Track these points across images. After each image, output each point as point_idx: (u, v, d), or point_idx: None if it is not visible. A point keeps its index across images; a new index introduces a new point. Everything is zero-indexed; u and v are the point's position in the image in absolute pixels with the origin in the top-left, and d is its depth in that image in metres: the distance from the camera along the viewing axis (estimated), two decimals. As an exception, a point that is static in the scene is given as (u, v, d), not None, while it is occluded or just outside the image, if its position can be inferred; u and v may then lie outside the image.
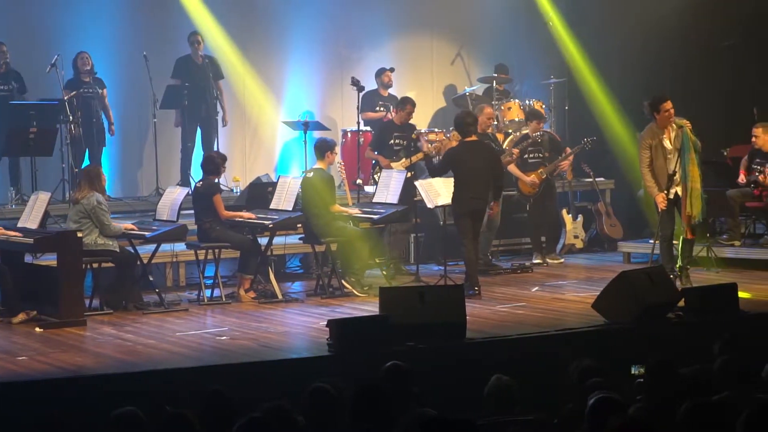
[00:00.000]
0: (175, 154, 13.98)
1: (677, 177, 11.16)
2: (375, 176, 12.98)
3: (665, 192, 11.16)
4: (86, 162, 12.93)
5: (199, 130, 13.91)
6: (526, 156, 13.45)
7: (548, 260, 13.47)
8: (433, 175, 11.90)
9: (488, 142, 12.47)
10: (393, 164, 12.80)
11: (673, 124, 11.24)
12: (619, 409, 5.37)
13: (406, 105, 13.11)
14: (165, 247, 11.59)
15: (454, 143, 13.79)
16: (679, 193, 11.20)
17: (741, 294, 10.16)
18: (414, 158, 12.82)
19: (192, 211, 11.61)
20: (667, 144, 11.24)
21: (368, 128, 14.10)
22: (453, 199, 11.45)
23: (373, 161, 13.31)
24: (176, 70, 13.79)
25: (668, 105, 11.27)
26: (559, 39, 15.65)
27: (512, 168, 13.33)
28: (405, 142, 12.99)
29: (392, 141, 13.02)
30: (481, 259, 11.56)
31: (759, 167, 12.66)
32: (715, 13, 14.83)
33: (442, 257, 12.14)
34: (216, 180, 11.60)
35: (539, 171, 13.43)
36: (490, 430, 6.03)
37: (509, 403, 6.49)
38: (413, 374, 6.74)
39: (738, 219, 13.09)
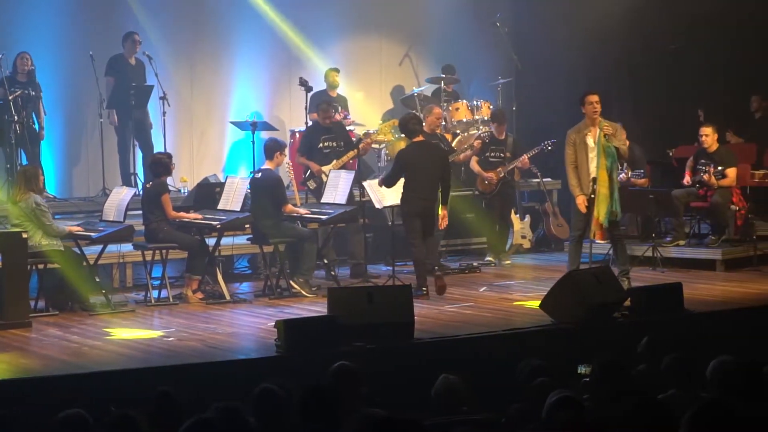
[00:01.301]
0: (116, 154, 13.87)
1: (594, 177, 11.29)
2: (308, 183, 12.83)
3: (587, 194, 11.27)
4: (24, 162, 12.77)
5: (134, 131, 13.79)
6: (488, 154, 13.51)
7: (501, 260, 13.51)
8: (389, 185, 11.66)
9: (437, 142, 12.50)
10: (324, 168, 12.70)
11: (599, 126, 11.32)
12: (578, 408, 5.40)
13: (321, 105, 13.01)
14: (112, 247, 11.50)
15: (402, 144, 13.83)
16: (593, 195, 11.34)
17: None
18: (345, 158, 12.76)
19: (139, 212, 11.53)
20: (590, 142, 11.33)
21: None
22: (402, 199, 11.46)
23: (305, 167, 13.06)
24: (109, 68, 13.69)
25: (593, 98, 11.34)
26: (506, 40, 15.73)
27: (473, 165, 13.40)
28: (334, 144, 12.91)
29: (321, 144, 12.86)
30: (428, 258, 11.57)
31: (704, 168, 12.79)
32: (661, 15, 14.97)
33: (390, 257, 12.16)
34: (165, 180, 11.55)
35: (498, 170, 13.48)
36: (437, 429, 6.04)
37: (457, 402, 6.51)
38: (361, 374, 6.74)
39: (683, 219, 13.23)
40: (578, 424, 4.69)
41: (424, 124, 12.11)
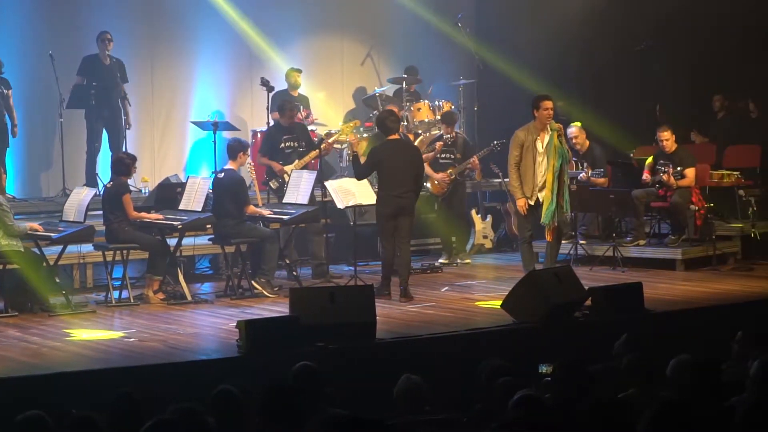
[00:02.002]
0: (82, 154, 13.79)
1: (543, 182, 11.35)
2: (270, 182, 12.81)
3: (528, 196, 11.35)
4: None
5: (105, 131, 13.73)
6: (439, 156, 13.54)
7: (458, 260, 13.56)
8: (359, 177, 11.67)
9: (410, 141, 12.50)
10: (286, 167, 12.69)
11: (549, 128, 11.39)
12: (539, 407, 5.43)
13: (286, 106, 12.99)
14: (72, 248, 11.43)
15: (364, 143, 13.84)
16: (540, 198, 11.40)
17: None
18: (306, 158, 12.75)
19: (100, 212, 11.47)
20: (539, 146, 11.41)
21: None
22: (377, 199, 11.43)
23: (267, 167, 13.04)
24: (82, 68, 13.61)
25: (548, 104, 11.45)
26: (468, 40, 15.79)
27: (425, 166, 13.41)
28: (296, 144, 12.89)
29: (282, 144, 12.83)
30: (400, 271, 11.52)
31: (663, 168, 12.88)
32: (624, 15, 15.05)
33: (352, 257, 12.15)
34: (126, 181, 11.50)
35: (449, 171, 13.51)
36: (400, 429, 6.05)
37: (419, 402, 6.52)
38: (323, 375, 6.74)
39: (643, 219, 13.30)
40: (540, 423, 4.71)
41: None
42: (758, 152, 14.17)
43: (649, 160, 13.20)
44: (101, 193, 11.95)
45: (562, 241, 11.98)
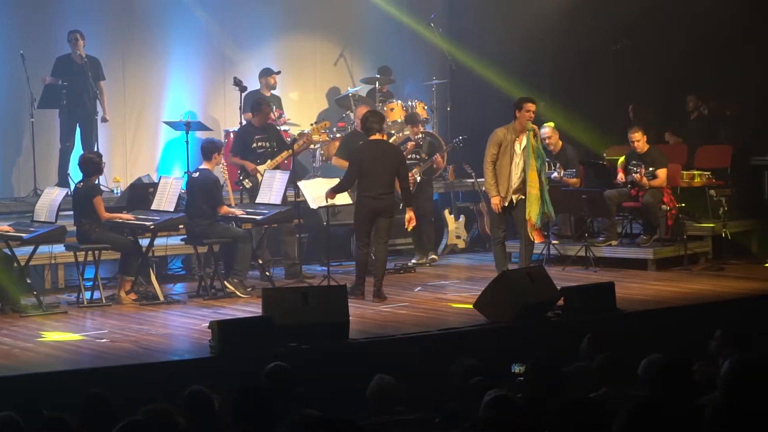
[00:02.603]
0: (54, 154, 13.72)
1: (518, 184, 11.38)
2: (243, 182, 12.78)
3: (503, 196, 11.40)
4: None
5: (78, 130, 13.66)
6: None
7: (429, 260, 13.57)
8: (346, 187, 11.51)
9: (392, 142, 12.49)
10: (259, 167, 12.67)
11: (526, 130, 11.43)
12: (512, 407, 5.44)
13: (262, 106, 12.99)
14: (43, 248, 11.37)
15: (336, 143, 13.84)
16: (514, 200, 11.43)
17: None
18: (278, 158, 12.73)
19: (71, 212, 11.42)
20: (518, 148, 11.45)
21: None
22: (357, 200, 11.39)
23: (239, 167, 13.01)
24: (55, 68, 13.55)
25: (531, 106, 11.48)
26: (441, 41, 15.81)
27: None
28: (267, 144, 12.87)
29: (254, 144, 12.77)
30: (375, 271, 11.51)
31: (635, 168, 12.94)
32: (597, 15, 15.09)
33: (325, 258, 12.14)
34: (97, 180, 11.45)
35: (414, 171, 13.52)
36: (373, 429, 6.06)
37: (392, 402, 6.53)
38: (296, 375, 6.74)
39: (615, 219, 13.36)
40: (512, 423, 4.73)
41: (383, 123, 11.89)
42: (729, 152, 14.25)
43: (622, 160, 13.26)
44: (72, 193, 11.89)
45: (536, 241, 12.00)
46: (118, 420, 5.29)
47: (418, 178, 13.39)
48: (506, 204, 11.51)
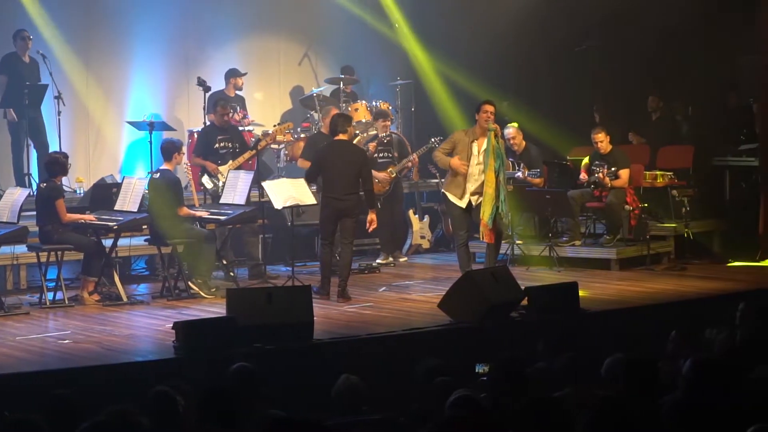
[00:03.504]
0: (8, 153, 13.60)
1: (477, 186, 11.44)
2: (204, 183, 12.75)
3: (460, 198, 11.49)
4: None
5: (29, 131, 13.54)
6: (376, 155, 13.58)
7: (396, 260, 13.59)
8: (309, 181, 11.69)
9: (357, 144, 12.51)
10: (221, 168, 12.65)
11: (487, 130, 11.47)
12: (476, 407, 5.46)
13: (216, 107, 12.96)
14: (5, 249, 11.31)
15: (302, 144, 13.83)
16: (473, 202, 11.48)
17: (581, 292, 10.43)
18: (241, 159, 12.71)
19: (33, 213, 11.34)
20: (475, 150, 11.49)
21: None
22: (321, 200, 11.41)
23: (201, 167, 12.94)
24: (2, 66, 13.45)
25: (489, 108, 11.52)
26: (405, 41, 15.83)
27: None
28: (230, 144, 12.84)
29: (217, 144, 12.77)
30: (340, 273, 11.53)
31: (598, 169, 13.01)
32: (561, 16, 15.15)
33: (289, 258, 12.14)
34: (60, 180, 11.39)
35: (389, 170, 13.55)
36: (338, 430, 6.05)
37: (357, 403, 6.53)
38: (261, 375, 6.73)
39: (578, 219, 13.42)
40: (476, 423, 4.74)
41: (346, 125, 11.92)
42: (691, 153, 14.35)
43: (585, 160, 13.33)
44: (35, 193, 11.83)
45: (485, 241, 12.01)
46: (82, 421, 5.27)
47: (394, 175, 13.47)
48: (464, 205, 11.54)
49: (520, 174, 13.16)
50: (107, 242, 11.51)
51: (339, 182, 11.20)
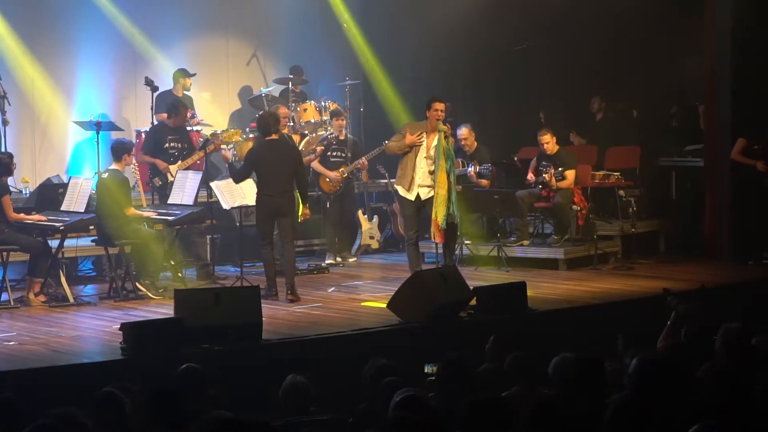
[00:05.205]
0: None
1: (424, 179, 11.49)
2: (153, 180, 12.69)
3: (407, 189, 11.55)
4: None
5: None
6: (329, 154, 13.57)
7: (345, 260, 13.60)
8: (237, 181, 11.71)
9: (291, 142, 12.50)
10: (171, 167, 12.59)
11: (438, 129, 11.53)
12: (422, 407, 5.46)
13: (180, 109, 12.93)
14: (-51, 250, 11.19)
15: (250, 144, 13.79)
16: (422, 195, 11.54)
17: (529, 292, 10.48)
18: (190, 159, 12.67)
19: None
20: (423, 149, 11.55)
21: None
22: (256, 199, 11.41)
23: (150, 166, 12.91)
24: None
25: (439, 105, 11.57)
26: (354, 41, 15.83)
27: (316, 165, 13.43)
28: (179, 145, 12.80)
29: (167, 144, 12.72)
30: (278, 260, 11.58)
31: (545, 169, 13.08)
32: (506, 17, 15.21)
33: (238, 258, 12.09)
34: (6, 181, 11.28)
35: (341, 170, 13.54)
36: (285, 430, 6.05)
37: (304, 403, 6.52)
38: (208, 376, 6.70)
39: (526, 219, 13.49)
40: (422, 422, 4.75)
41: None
42: (637, 153, 14.47)
43: (534, 161, 13.40)
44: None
45: (436, 242, 12.04)
46: (27, 424, 5.22)
47: (346, 175, 13.49)
48: (412, 198, 11.59)
49: (471, 169, 13.21)
50: (54, 243, 11.42)
51: (274, 181, 11.24)
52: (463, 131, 13.53)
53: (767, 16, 13.25)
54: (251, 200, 11.72)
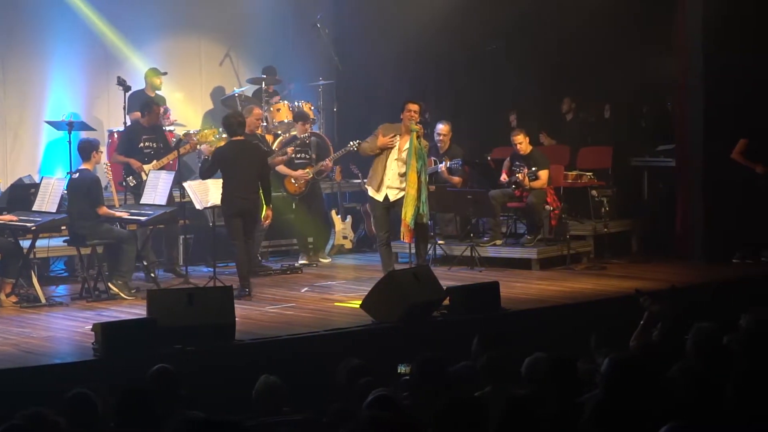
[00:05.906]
0: None
1: (394, 180, 11.53)
2: (127, 179, 12.65)
3: (376, 190, 11.68)
4: None
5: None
6: (294, 156, 13.56)
7: (319, 260, 13.59)
8: (203, 178, 11.87)
9: (256, 142, 12.50)
10: (145, 167, 12.57)
11: (410, 130, 11.56)
12: (394, 407, 5.47)
13: (153, 107, 12.91)
14: None
15: (222, 144, 13.76)
16: (390, 197, 11.57)
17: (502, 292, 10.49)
18: (164, 159, 12.65)
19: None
20: (395, 151, 11.59)
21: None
22: (222, 199, 11.45)
23: (124, 166, 12.88)
24: None
25: (413, 107, 11.65)
26: (327, 41, 15.84)
27: (281, 167, 13.41)
28: (154, 144, 12.78)
29: (142, 143, 12.70)
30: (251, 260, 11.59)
31: (518, 169, 13.12)
32: (479, 17, 15.23)
33: (211, 259, 12.08)
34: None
35: (306, 171, 13.54)
36: (259, 431, 6.04)
37: (278, 403, 6.52)
38: (181, 377, 6.69)
39: (499, 219, 13.52)
40: (395, 422, 4.76)
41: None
42: (610, 154, 14.52)
43: (507, 161, 13.43)
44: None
45: (405, 241, 12.05)
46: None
47: (311, 176, 13.49)
48: (380, 199, 11.63)
49: (442, 165, 13.24)
50: (25, 243, 11.37)
51: (240, 181, 11.34)
52: (444, 128, 13.59)
53: (738, 16, 13.27)
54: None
